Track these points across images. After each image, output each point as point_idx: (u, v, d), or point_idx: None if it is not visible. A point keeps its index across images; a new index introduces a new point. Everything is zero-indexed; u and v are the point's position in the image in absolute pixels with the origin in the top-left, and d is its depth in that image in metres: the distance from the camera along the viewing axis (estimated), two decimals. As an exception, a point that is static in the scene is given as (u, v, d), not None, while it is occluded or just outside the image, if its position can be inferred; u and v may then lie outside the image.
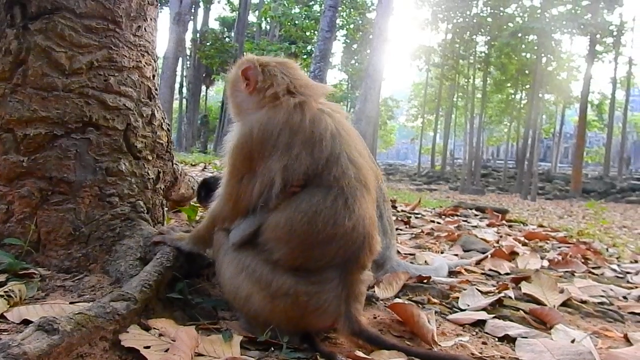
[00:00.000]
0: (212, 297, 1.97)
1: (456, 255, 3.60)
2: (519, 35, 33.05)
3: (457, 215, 6.96)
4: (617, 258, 4.52)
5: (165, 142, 2.37)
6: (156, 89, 2.35)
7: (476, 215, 7.68)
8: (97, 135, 2.08)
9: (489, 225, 6.06)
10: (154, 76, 2.33)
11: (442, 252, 3.67)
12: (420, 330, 1.78)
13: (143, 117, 2.23)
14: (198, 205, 3.28)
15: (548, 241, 5.20)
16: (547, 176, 37.42)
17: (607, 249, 4.98)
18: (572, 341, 1.76)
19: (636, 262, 4.35)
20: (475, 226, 5.85)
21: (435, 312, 2.14)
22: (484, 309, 2.17)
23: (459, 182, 34.86)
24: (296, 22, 29.18)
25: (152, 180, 2.28)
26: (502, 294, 2.33)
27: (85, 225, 2.05)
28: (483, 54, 38.32)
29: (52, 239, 2.02)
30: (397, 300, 2.13)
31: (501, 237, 4.98)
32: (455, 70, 39.95)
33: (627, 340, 2.03)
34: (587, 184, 33.61)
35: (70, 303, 1.68)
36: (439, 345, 1.75)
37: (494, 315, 2.09)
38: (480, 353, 1.73)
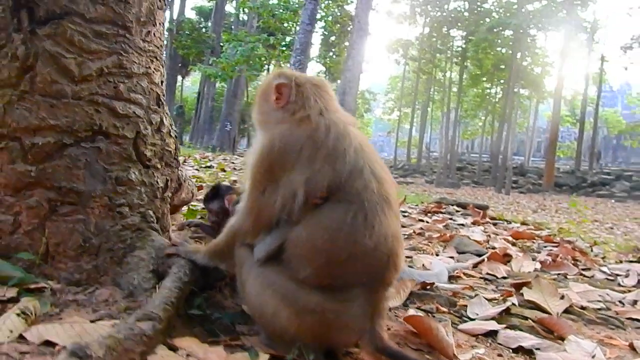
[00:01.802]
0: (227, 310, 1.95)
1: (452, 257, 3.64)
2: (496, 30, 33.39)
3: (441, 213, 7.04)
4: (602, 258, 4.62)
5: (173, 150, 2.32)
6: (164, 95, 2.30)
7: (458, 211, 7.79)
8: (107, 144, 2.03)
9: (474, 224, 6.15)
10: (162, 82, 2.28)
11: (437, 254, 3.70)
12: (440, 344, 1.79)
13: (152, 125, 2.18)
14: (195, 208, 3.25)
15: (534, 240, 5.30)
16: (521, 170, 38.05)
17: (591, 249, 5.09)
18: (593, 357, 1.80)
19: (621, 262, 4.45)
20: (462, 225, 5.93)
21: (446, 321, 2.16)
22: (493, 319, 2.20)
23: (434, 175, 35.19)
24: (275, 13, 28.93)
25: (161, 189, 2.23)
26: (509, 303, 2.36)
27: (95, 236, 2.00)
28: (460, 49, 38.63)
29: (61, 251, 1.97)
30: (410, 311, 2.14)
31: (489, 236, 5.06)
32: (432, 64, 40.24)
33: (633, 349, 2.08)
34: (559, 178, 34.30)
35: (91, 322, 1.63)
36: (458, 359, 1.76)
37: (505, 325, 2.12)
38: (499, 366, 1.75)
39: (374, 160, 1.71)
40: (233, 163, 12.15)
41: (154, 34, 2.20)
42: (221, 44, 29.80)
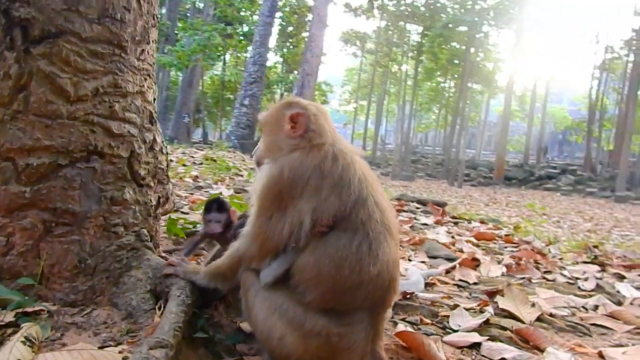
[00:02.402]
0: (225, 329, 2.00)
1: (423, 262, 3.77)
2: (451, 26, 34.06)
3: (404, 212, 7.22)
4: (560, 259, 4.88)
5: (165, 167, 2.33)
6: (156, 112, 2.30)
7: (418, 208, 8.01)
8: (102, 164, 2.03)
9: (437, 223, 6.35)
10: (154, 99, 2.28)
11: (409, 259, 3.83)
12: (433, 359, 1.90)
13: (146, 143, 2.18)
14: (176, 218, 3.25)
15: (495, 241, 5.53)
16: (472, 163, 39.10)
17: (549, 250, 5.36)
18: None
19: (577, 263, 4.72)
20: (426, 224, 6.11)
21: (432, 334, 2.28)
22: (475, 330, 2.32)
23: (390, 168, 35.72)
24: (232, 2, 28.57)
25: (154, 207, 2.24)
26: (488, 314, 2.49)
27: (90, 256, 2.00)
28: (416, 43, 39.21)
29: (56, 272, 1.96)
30: (400, 325, 2.24)
31: (453, 237, 5.24)
32: (389, 57, 40.69)
33: (602, 357, 2.25)
34: (509, 172, 35.45)
35: (99, 347, 1.65)
36: (451, 374, 1.87)
37: (487, 337, 2.25)
38: (488, 380, 1.87)
39: (376, 188, 1.78)
40: (192, 157, 12.01)
41: (147, 52, 2.20)
42: (176, 32, 29.12)
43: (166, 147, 2.37)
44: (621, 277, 4.25)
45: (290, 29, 35.94)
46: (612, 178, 31.65)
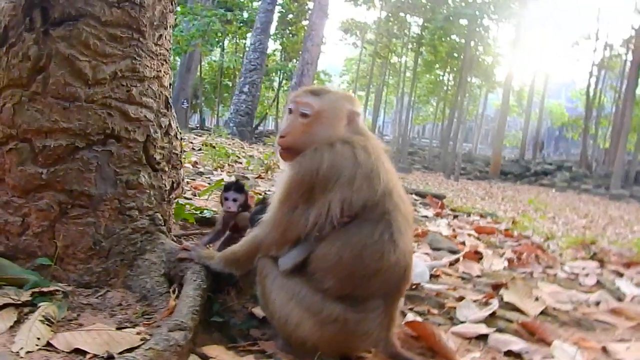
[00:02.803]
0: (237, 314, 2.02)
1: (427, 254, 3.80)
2: (451, 19, 33.95)
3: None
4: (560, 255, 4.93)
5: (179, 152, 2.34)
6: (171, 97, 2.30)
7: (416, 200, 8.04)
8: (118, 147, 2.04)
9: (436, 215, 6.38)
10: (170, 85, 2.28)
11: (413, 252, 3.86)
12: (443, 350, 1.93)
13: (161, 128, 2.19)
14: (183, 203, 3.26)
15: (495, 235, 5.57)
16: (469, 157, 39.21)
17: (548, 246, 5.40)
18: None
19: (576, 259, 4.77)
20: (426, 216, 6.14)
21: (439, 324, 2.31)
22: (482, 322, 2.36)
23: (386, 159, 35.68)
24: (233, -13, 28.40)
25: (167, 192, 2.26)
26: (495, 306, 2.52)
27: (105, 239, 2.01)
28: (416, 35, 39.10)
29: (70, 253, 1.98)
30: (409, 315, 2.27)
31: (454, 230, 5.27)
32: (388, 48, 40.58)
33: (605, 352, 2.28)
34: (505, 167, 35.58)
35: (117, 329, 1.67)
36: (460, 363, 1.90)
37: (494, 328, 2.28)
38: (496, 371, 1.90)
39: (397, 182, 1.82)
40: (192, 143, 11.99)
41: (165, 37, 2.20)
42: (175, 16, 28.95)
43: (181, 132, 2.38)
44: (620, 274, 4.29)
45: (290, 16, 35.74)
46: (607, 176, 31.80)
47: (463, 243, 4.41)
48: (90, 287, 1.98)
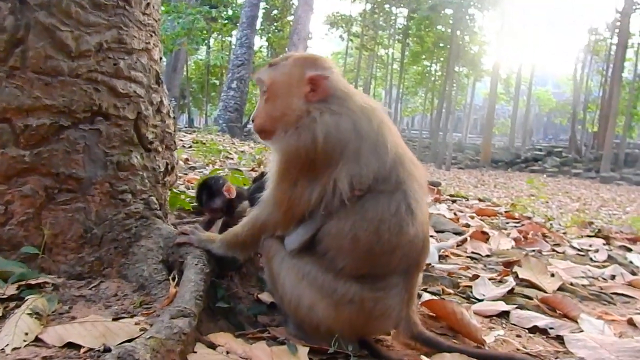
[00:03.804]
0: (242, 300, 1.88)
1: (432, 236, 3.68)
2: (437, 8, 33.87)
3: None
4: (564, 233, 4.82)
5: (172, 131, 2.19)
6: (162, 73, 2.15)
7: (412, 188, 7.92)
8: (107, 126, 1.88)
9: (435, 201, 6.26)
10: (161, 58, 2.13)
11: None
12: (467, 328, 1.80)
13: (153, 105, 2.03)
14: (178, 192, 3.11)
15: (497, 217, 5.47)
16: (459, 146, 39.20)
17: (551, 225, 5.31)
18: (620, 336, 1.86)
19: (581, 237, 4.67)
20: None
21: (457, 303, 2.18)
22: (500, 299, 2.23)
23: (377, 152, 35.59)
24: (217, -16, 28.08)
25: (162, 174, 2.10)
26: (513, 283, 2.40)
27: (97, 225, 1.86)
28: (402, 26, 39.00)
29: (59, 242, 1.82)
30: (425, 295, 2.14)
31: (455, 214, 5.16)
32: (375, 41, 40.44)
33: (632, 324, 2.17)
34: (495, 154, 35.63)
35: (114, 319, 1.52)
36: (485, 342, 1.77)
37: (514, 305, 2.15)
38: (524, 348, 1.78)
39: (403, 144, 1.67)
40: (182, 140, 11.80)
41: (153, 6, 2.04)
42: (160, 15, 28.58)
43: (173, 110, 2.22)
44: (628, 249, 4.20)
45: (275, 12, 35.49)
46: (596, 159, 31.94)
47: (467, 225, 4.29)
48: (83, 278, 1.82)
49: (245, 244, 1.75)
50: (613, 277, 3.01)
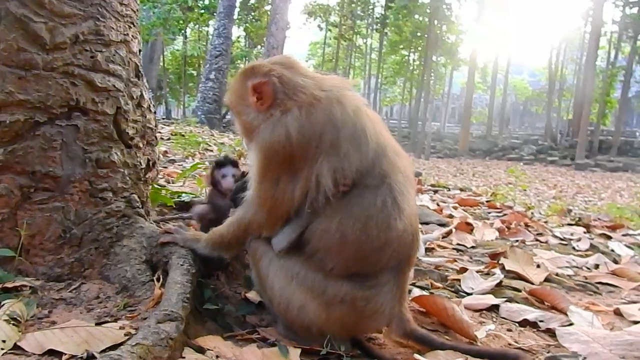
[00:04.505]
0: (232, 302, 1.83)
1: (417, 228, 3.66)
2: (414, -3, 33.91)
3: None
4: (545, 222, 4.86)
5: (153, 126, 2.11)
6: (142, 65, 2.07)
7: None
8: (85, 122, 1.80)
9: (418, 191, 6.27)
10: (140, 51, 2.05)
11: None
12: (458, 324, 1.78)
13: (133, 99, 1.96)
14: (159, 187, 3.03)
15: (479, 207, 5.49)
16: (438, 135, 39.45)
17: (532, 214, 5.35)
18: (611, 328, 1.86)
19: (562, 226, 4.71)
20: (407, 193, 6.02)
21: (446, 297, 2.16)
22: (489, 292, 2.22)
23: (356, 142, 35.61)
24: (192, -27, 27.62)
25: (143, 170, 2.03)
26: (500, 276, 2.39)
27: (76, 225, 1.78)
28: (380, 15, 38.95)
29: (37, 244, 1.74)
30: (415, 290, 2.11)
31: (438, 204, 5.16)
32: (353, 30, 40.33)
33: (618, 314, 2.18)
34: (473, 143, 35.97)
35: (97, 324, 1.46)
36: (477, 337, 1.75)
37: (503, 299, 2.15)
38: (516, 342, 1.77)
39: (385, 132, 1.62)
40: (160, 132, 11.58)
41: (130, -4, 1.96)
42: (134, 5, 28.00)
43: (154, 105, 2.15)
44: (608, 237, 4.25)
45: (253, 1, 35.09)
46: (572, 147, 32.47)
47: (450, 216, 4.29)
48: (62, 280, 1.76)
49: (231, 245, 1.70)
50: (597, 266, 3.03)
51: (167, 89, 34.57)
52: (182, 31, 30.48)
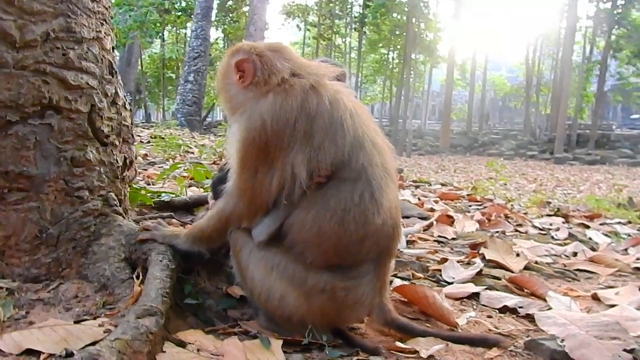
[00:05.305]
0: (211, 294, 1.82)
1: (398, 222, 3.69)
2: (392, -4, 34.04)
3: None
4: (525, 214, 4.92)
5: (129, 124, 2.09)
6: (116, 63, 2.05)
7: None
8: (59, 120, 1.77)
9: (400, 187, 6.30)
10: (113, 48, 2.03)
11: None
12: (439, 311, 1.79)
13: (107, 97, 1.94)
14: (138, 187, 3.01)
15: (460, 200, 5.54)
16: (419, 133, 39.69)
17: (512, 206, 5.41)
18: (587, 311, 1.89)
19: (542, 216, 4.78)
20: (389, 189, 6.05)
21: (427, 287, 2.18)
22: (469, 281, 2.24)
23: (338, 141, 35.66)
24: (169, -25, 27.43)
25: (120, 168, 2.01)
26: (481, 265, 2.42)
27: (52, 225, 1.76)
28: (358, 14, 39.05)
29: (13, 244, 1.72)
30: (396, 281, 2.12)
31: (420, 199, 5.20)
32: (332, 30, 40.38)
33: (596, 299, 2.21)
34: (454, 139, 36.25)
35: (76, 322, 1.44)
36: (458, 324, 1.77)
37: (483, 287, 2.17)
38: (496, 328, 1.79)
39: (368, 124, 1.62)
40: (139, 136, 11.50)
41: (102, -8, 1.94)
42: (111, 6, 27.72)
43: (129, 102, 2.13)
44: (586, 226, 4.32)
45: (230, 3, 34.94)
46: (550, 141, 32.87)
47: (431, 209, 4.33)
48: (40, 280, 1.73)
49: (212, 238, 1.70)
50: (575, 254, 3.08)
51: (146, 92, 34.28)
52: (160, 34, 30.27)
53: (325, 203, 1.50)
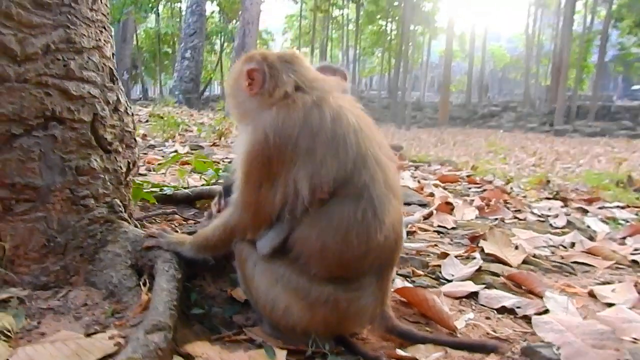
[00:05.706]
0: (218, 301, 1.87)
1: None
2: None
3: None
4: (524, 197, 4.97)
5: (132, 129, 2.11)
6: (117, 69, 2.06)
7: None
8: (62, 130, 1.79)
9: (399, 168, 6.34)
10: (113, 55, 2.03)
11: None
12: (439, 315, 1.84)
13: (109, 105, 1.95)
14: (141, 182, 3.04)
15: (459, 183, 5.58)
16: (418, 105, 39.53)
17: (510, 188, 5.45)
18: (585, 317, 1.94)
19: (540, 200, 4.82)
20: (388, 170, 6.08)
21: (427, 286, 2.23)
22: (469, 279, 2.29)
23: (337, 115, 35.51)
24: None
25: (124, 174, 2.04)
26: (480, 261, 2.46)
27: (59, 234, 1.80)
28: (356, -15, 38.52)
29: (21, 254, 1.76)
30: (397, 281, 2.17)
31: (419, 182, 5.24)
32: (329, 1, 39.84)
33: (592, 296, 2.26)
34: (453, 112, 36.15)
35: (86, 334, 1.49)
36: (457, 328, 1.82)
37: (482, 285, 2.22)
38: (494, 331, 1.84)
39: (373, 140, 1.62)
40: (137, 115, 11.46)
41: (100, 0, 1.93)
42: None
43: (131, 107, 2.14)
44: (584, 211, 4.37)
45: (226, -25, 34.35)
46: (550, 113, 32.80)
47: (431, 194, 4.37)
48: (49, 288, 1.77)
49: (217, 247, 1.74)
50: (573, 244, 3.13)
51: (142, 67, 34.01)
52: (154, 9, 29.86)
53: (328, 220, 1.53)
